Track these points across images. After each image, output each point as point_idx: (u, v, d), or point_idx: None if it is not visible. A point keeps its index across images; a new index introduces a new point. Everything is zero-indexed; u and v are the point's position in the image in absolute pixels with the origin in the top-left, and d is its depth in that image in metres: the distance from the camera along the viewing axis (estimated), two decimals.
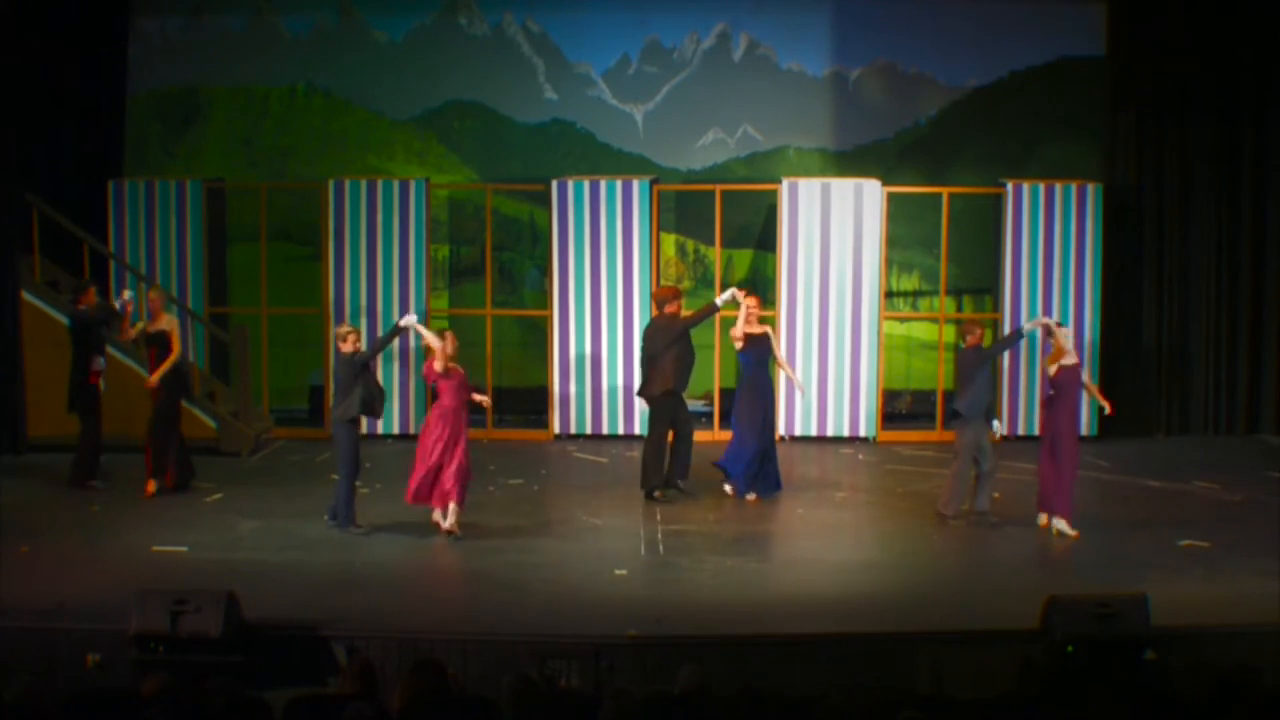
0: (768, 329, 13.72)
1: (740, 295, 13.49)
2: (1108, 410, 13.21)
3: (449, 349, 12.28)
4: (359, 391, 12.27)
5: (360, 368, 12.30)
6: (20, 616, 10.14)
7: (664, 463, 13.56)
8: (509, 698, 7.68)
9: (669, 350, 13.31)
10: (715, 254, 16.41)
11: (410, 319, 12.70)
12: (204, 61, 17.25)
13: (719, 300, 13.60)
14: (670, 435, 13.55)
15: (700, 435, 14.24)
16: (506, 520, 12.25)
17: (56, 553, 11.92)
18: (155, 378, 13.59)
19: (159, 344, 13.68)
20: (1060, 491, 12.41)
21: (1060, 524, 12.39)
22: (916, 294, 17.25)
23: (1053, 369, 12.40)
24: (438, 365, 12.26)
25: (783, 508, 13.45)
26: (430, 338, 12.46)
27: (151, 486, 13.59)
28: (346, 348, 12.35)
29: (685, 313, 13.65)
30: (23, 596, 10.47)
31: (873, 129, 17.16)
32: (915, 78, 17.09)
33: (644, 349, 13.64)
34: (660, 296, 13.74)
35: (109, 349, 14.28)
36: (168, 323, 13.75)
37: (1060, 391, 12.36)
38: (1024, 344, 15.39)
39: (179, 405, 13.87)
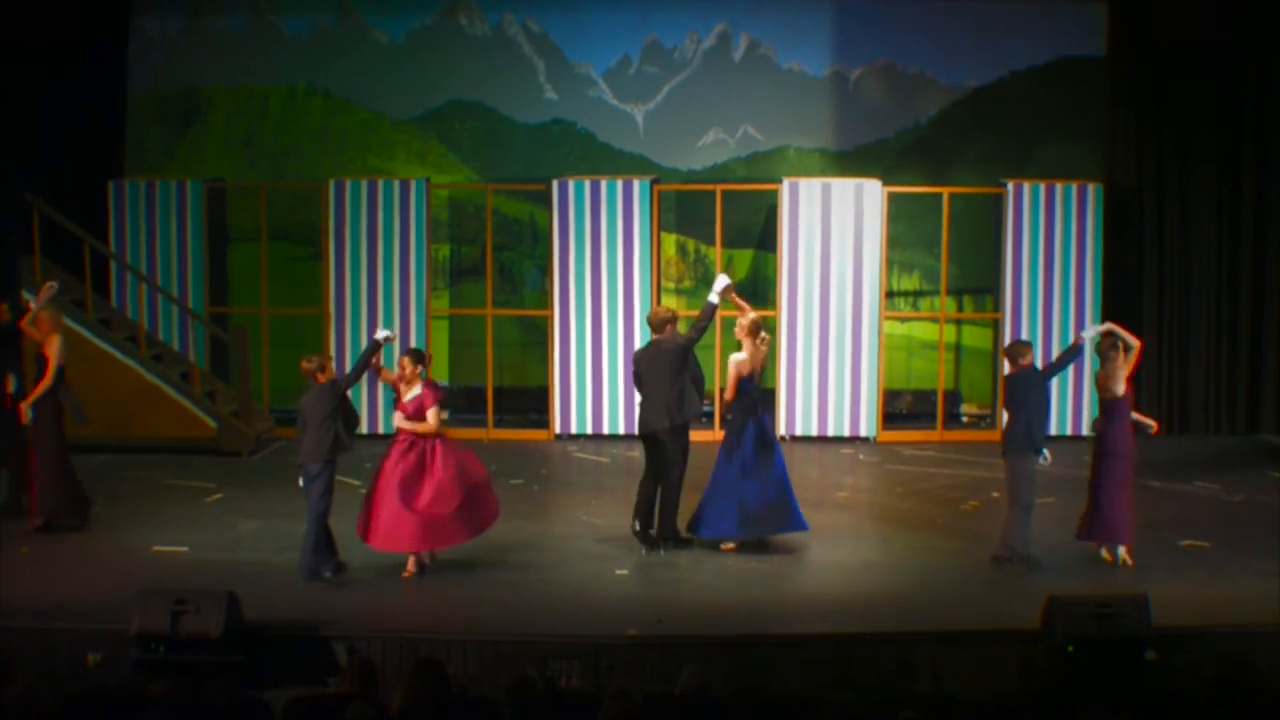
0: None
1: (731, 284, 12.46)
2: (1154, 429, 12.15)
3: (407, 373, 11.45)
4: (337, 424, 11.28)
5: (340, 397, 11.39)
6: (20, 616, 10.15)
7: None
8: (509, 698, 7.68)
9: (683, 375, 12.13)
10: (715, 254, 16.41)
11: (386, 332, 11.63)
12: (204, 61, 17.22)
13: (713, 297, 12.26)
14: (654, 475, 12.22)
15: (698, 436, 14.16)
16: (506, 520, 12.23)
17: (56, 553, 11.92)
18: (26, 404, 12.39)
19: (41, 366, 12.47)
20: (1124, 518, 11.62)
21: (1122, 552, 11.67)
22: (917, 294, 17.23)
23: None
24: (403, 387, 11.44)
25: None
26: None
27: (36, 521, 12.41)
28: (323, 379, 11.33)
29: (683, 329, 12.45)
30: (23, 596, 10.48)
31: (873, 129, 17.13)
32: (915, 78, 17.07)
33: (642, 376, 12.26)
34: (657, 320, 12.29)
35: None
36: (54, 345, 12.49)
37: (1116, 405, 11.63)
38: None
39: (60, 438, 12.49)
